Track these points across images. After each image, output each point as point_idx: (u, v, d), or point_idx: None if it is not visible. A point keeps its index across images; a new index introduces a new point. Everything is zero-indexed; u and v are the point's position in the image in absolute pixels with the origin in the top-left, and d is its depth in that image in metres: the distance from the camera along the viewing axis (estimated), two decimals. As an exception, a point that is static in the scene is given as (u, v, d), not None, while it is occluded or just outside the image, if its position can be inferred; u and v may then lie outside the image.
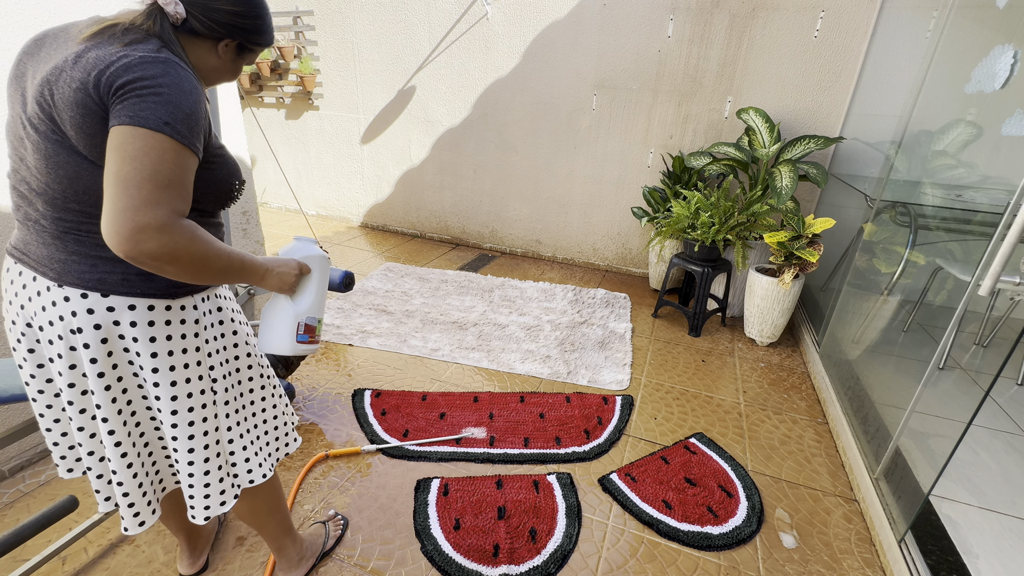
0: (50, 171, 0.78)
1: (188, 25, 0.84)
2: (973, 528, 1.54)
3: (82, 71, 0.74)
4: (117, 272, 0.84)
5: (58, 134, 0.77)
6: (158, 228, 0.72)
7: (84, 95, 0.73)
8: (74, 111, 0.74)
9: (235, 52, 0.93)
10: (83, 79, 0.74)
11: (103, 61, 0.74)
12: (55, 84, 0.75)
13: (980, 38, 1.89)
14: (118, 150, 0.71)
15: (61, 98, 0.75)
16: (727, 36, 3.01)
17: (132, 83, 0.73)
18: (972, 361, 2.48)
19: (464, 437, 1.92)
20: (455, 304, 3.08)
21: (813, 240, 2.51)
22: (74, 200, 0.80)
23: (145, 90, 0.73)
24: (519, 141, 3.76)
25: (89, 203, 0.80)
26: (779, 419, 2.14)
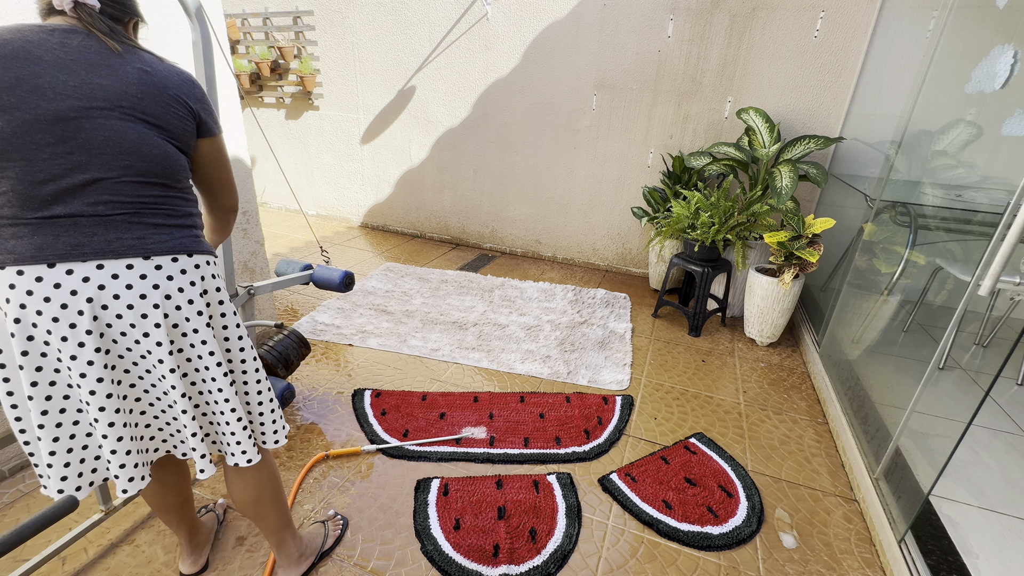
0: (140, 152, 0.91)
1: (106, 13, 0.93)
2: (973, 528, 1.54)
3: (170, 80, 0.95)
4: (189, 236, 1.00)
5: (149, 123, 0.92)
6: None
7: (180, 104, 0.96)
8: (176, 108, 0.96)
9: (134, 31, 1.04)
10: (175, 92, 0.95)
11: (178, 77, 0.97)
12: (137, 85, 0.91)
13: (980, 38, 1.89)
14: (220, 155, 1.09)
15: (159, 96, 0.93)
16: (727, 36, 3.01)
17: (205, 99, 1.03)
18: (972, 361, 2.48)
19: (464, 437, 1.92)
20: (455, 304, 3.08)
21: (813, 240, 2.51)
22: (156, 175, 0.94)
23: (212, 108, 1.05)
24: (519, 141, 3.76)
25: (171, 178, 0.96)
26: (779, 419, 2.14)
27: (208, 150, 1.05)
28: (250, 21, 4.15)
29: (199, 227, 1.05)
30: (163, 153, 0.93)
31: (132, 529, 1.49)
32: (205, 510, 1.52)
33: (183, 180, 1.00)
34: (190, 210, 1.02)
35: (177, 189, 0.98)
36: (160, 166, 0.94)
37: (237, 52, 4.27)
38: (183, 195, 1.00)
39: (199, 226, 1.05)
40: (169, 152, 0.95)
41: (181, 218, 0.99)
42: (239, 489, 1.18)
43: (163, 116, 0.93)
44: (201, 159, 1.05)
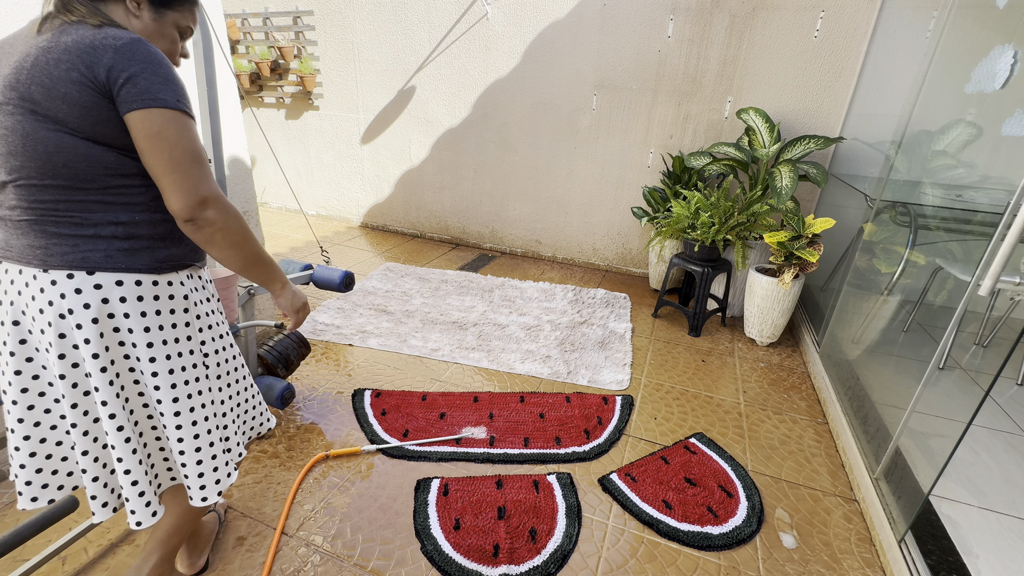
0: (26, 150, 0.79)
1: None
2: (973, 528, 1.54)
3: (67, 53, 0.77)
4: (99, 250, 0.85)
5: (36, 113, 0.78)
6: (215, 198, 0.85)
7: (78, 78, 0.76)
8: (67, 88, 0.76)
9: (151, 9, 0.89)
10: (71, 64, 0.76)
11: (83, 43, 0.77)
12: (30, 68, 0.77)
13: (980, 38, 1.89)
14: (157, 136, 0.80)
15: (46, 78, 0.76)
16: (727, 36, 3.01)
17: (126, 62, 0.77)
18: (972, 361, 2.48)
19: (464, 437, 1.92)
20: (455, 304, 3.08)
21: (813, 240, 2.51)
22: (51, 176, 0.80)
23: (149, 73, 0.79)
24: (519, 141, 3.76)
25: (67, 176, 0.81)
26: (779, 419, 2.14)
27: (138, 128, 0.79)
28: (250, 21, 4.15)
29: (134, 237, 0.87)
30: (54, 148, 0.78)
31: (133, 528, 1.49)
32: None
33: (102, 179, 0.82)
34: (113, 217, 0.84)
35: (89, 191, 0.82)
36: (53, 165, 0.78)
37: (237, 52, 4.27)
38: (102, 198, 0.83)
39: (134, 236, 0.87)
40: (64, 145, 0.78)
41: (94, 227, 0.83)
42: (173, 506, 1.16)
43: (51, 101, 0.76)
44: (135, 141, 0.81)
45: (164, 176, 0.81)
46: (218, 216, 0.86)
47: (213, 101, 1.75)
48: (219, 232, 0.87)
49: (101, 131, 0.80)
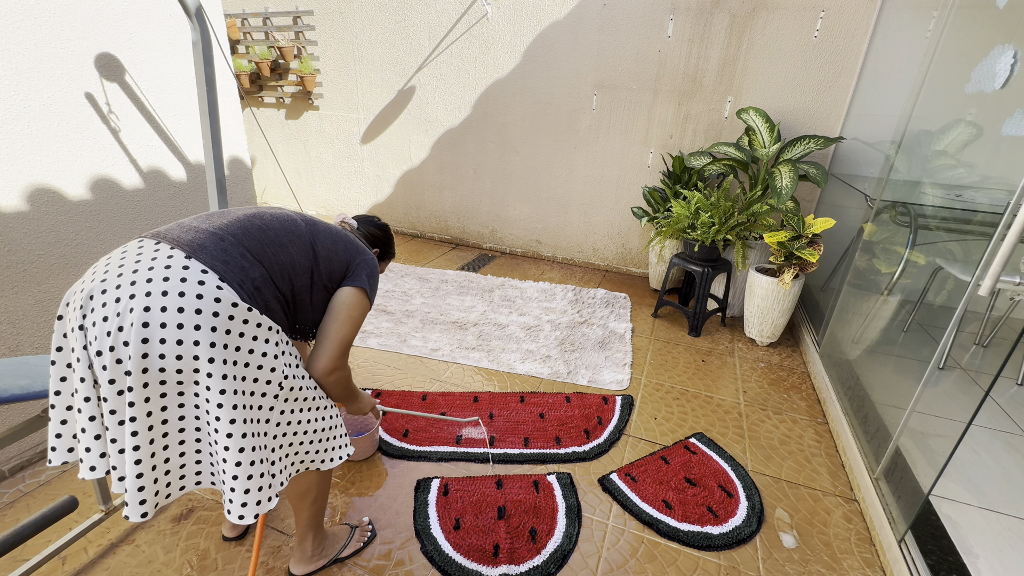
0: (288, 255, 1.11)
1: (360, 232, 1.47)
2: (973, 528, 1.54)
3: (348, 238, 1.27)
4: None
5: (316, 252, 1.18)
6: (339, 371, 1.19)
7: (349, 247, 1.24)
8: (342, 247, 1.22)
9: (378, 258, 1.51)
10: (348, 243, 1.25)
11: (359, 244, 1.28)
12: (333, 230, 1.25)
13: (980, 38, 1.89)
14: (350, 313, 1.18)
15: (337, 237, 1.23)
16: (727, 36, 3.01)
17: (369, 266, 1.25)
18: (972, 361, 2.48)
19: (473, 421, 1.92)
20: (455, 304, 3.08)
21: (813, 240, 2.51)
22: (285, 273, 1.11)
23: (374, 275, 1.26)
24: (519, 141, 3.76)
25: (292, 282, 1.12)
26: (779, 419, 2.14)
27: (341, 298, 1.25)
28: (250, 21, 4.15)
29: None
30: (304, 269, 1.18)
31: (132, 529, 1.49)
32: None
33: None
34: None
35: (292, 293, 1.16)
36: (295, 272, 1.16)
37: (237, 52, 4.27)
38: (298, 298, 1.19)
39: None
40: (306, 273, 1.18)
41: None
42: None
43: (325, 250, 1.21)
44: (333, 302, 1.24)
45: (330, 342, 1.15)
46: (339, 378, 1.19)
47: (213, 101, 1.74)
48: (337, 388, 1.21)
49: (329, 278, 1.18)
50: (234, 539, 1.47)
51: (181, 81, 2.07)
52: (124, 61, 1.86)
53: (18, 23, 1.54)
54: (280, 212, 1.17)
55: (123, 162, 1.90)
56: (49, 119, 1.66)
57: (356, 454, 1.78)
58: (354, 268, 1.21)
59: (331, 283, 1.18)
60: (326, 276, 1.17)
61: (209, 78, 1.73)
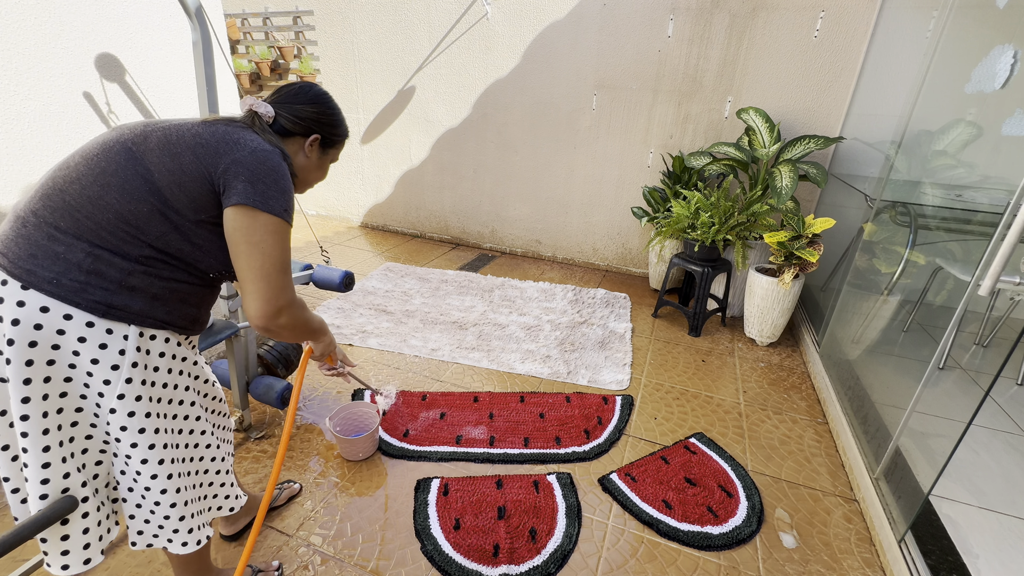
0: (117, 187, 0.84)
1: (278, 125, 1.00)
2: (973, 528, 1.54)
3: (207, 131, 0.88)
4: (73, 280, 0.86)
5: (142, 163, 0.85)
6: (289, 305, 0.93)
7: (204, 151, 0.86)
8: (187, 159, 0.85)
9: (319, 148, 1.06)
10: (208, 139, 0.87)
11: (229, 136, 0.88)
12: (167, 129, 0.88)
13: (980, 38, 1.89)
14: (248, 240, 0.86)
15: (176, 142, 0.86)
16: (727, 36, 3.01)
17: (249, 166, 0.86)
18: (972, 361, 2.48)
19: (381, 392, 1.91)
20: (455, 304, 3.08)
21: (813, 240, 2.51)
22: (117, 215, 0.85)
23: (266, 176, 0.87)
24: (519, 141, 3.76)
25: (130, 223, 0.85)
26: (779, 419, 2.14)
27: (233, 223, 0.96)
28: (250, 21, 4.15)
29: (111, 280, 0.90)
30: (140, 198, 0.89)
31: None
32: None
33: (154, 238, 0.92)
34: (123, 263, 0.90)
35: (135, 241, 0.91)
36: (128, 209, 0.89)
37: (237, 52, 4.27)
38: (137, 251, 0.91)
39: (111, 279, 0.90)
40: (148, 199, 0.90)
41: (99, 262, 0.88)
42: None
43: (165, 159, 0.89)
44: (228, 234, 0.96)
45: (250, 282, 0.88)
46: (289, 320, 0.94)
47: (213, 101, 1.74)
48: (287, 331, 0.96)
49: (194, 206, 0.86)
50: (231, 537, 1.45)
51: (181, 81, 2.07)
52: (124, 61, 1.86)
53: (18, 23, 1.54)
54: (95, 144, 0.86)
55: (123, 162, 1.90)
56: (49, 119, 1.66)
57: (356, 454, 1.78)
58: (224, 180, 0.85)
59: (203, 214, 0.87)
60: (188, 210, 0.85)
61: (209, 78, 1.73)
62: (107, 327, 0.83)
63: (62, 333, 0.81)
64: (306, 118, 1.01)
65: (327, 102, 1.06)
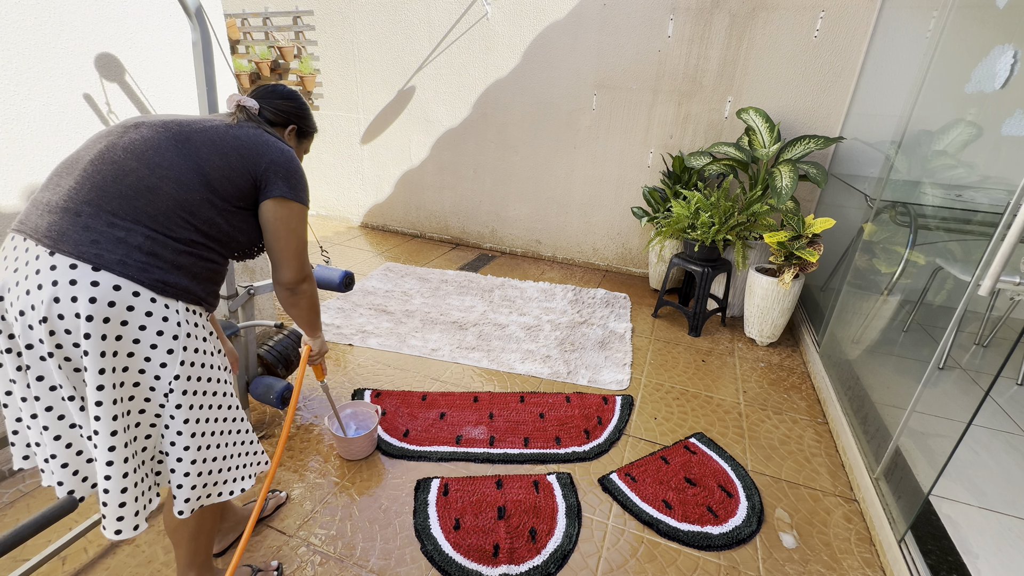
0: (160, 173, 0.96)
1: (263, 117, 1.15)
2: (973, 528, 1.54)
3: (244, 135, 1.04)
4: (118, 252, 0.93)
5: (188, 148, 0.99)
6: (310, 276, 1.17)
7: (248, 152, 1.03)
8: (235, 159, 1.01)
9: (296, 138, 1.24)
10: (246, 142, 1.03)
11: (261, 139, 1.06)
12: (205, 126, 1.02)
13: (980, 38, 1.89)
14: (287, 226, 1.08)
15: (217, 139, 1.02)
16: (727, 36, 3.01)
17: (283, 165, 1.06)
18: (972, 361, 2.48)
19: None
20: (455, 304, 3.08)
21: (813, 240, 2.51)
22: (161, 201, 0.97)
23: (295, 173, 1.08)
24: (519, 141, 3.76)
25: (171, 210, 0.96)
26: (779, 419, 2.14)
27: (272, 213, 1.14)
28: (250, 21, 4.15)
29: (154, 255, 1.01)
30: (186, 187, 1.02)
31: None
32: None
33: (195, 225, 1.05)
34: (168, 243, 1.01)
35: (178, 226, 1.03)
36: (174, 196, 1.02)
37: (237, 52, 4.27)
38: (181, 234, 1.03)
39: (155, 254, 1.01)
40: (194, 188, 1.03)
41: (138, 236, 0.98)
42: (167, 509, 1.12)
43: (213, 155, 1.03)
44: (265, 222, 1.14)
45: (287, 259, 1.10)
46: (310, 288, 1.18)
47: (213, 101, 1.74)
48: (306, 299, 1.19)
49: (234, 198, 1.02)
50: (219, 554, 1.40)
51: (181, 81, 2.07)
52: (124, 61, 1.86)
53: (18, 23, 1.54)
54: (138, 139, 0.95)
55: (123, 162, 1.90)
56: (49, 119, 1.66)
57: (355, 454, 1.78)
58: (264, 177, 1.03)
59: (242, 202, 1.03)
60: (232, 199, 1.01)
61: (209, 78, 1.73)
62: (165, 303, 0.92)
63: (131, 309, 0.88)
64: (285, 111, 1.18)
65: (298, 98, 1.24)
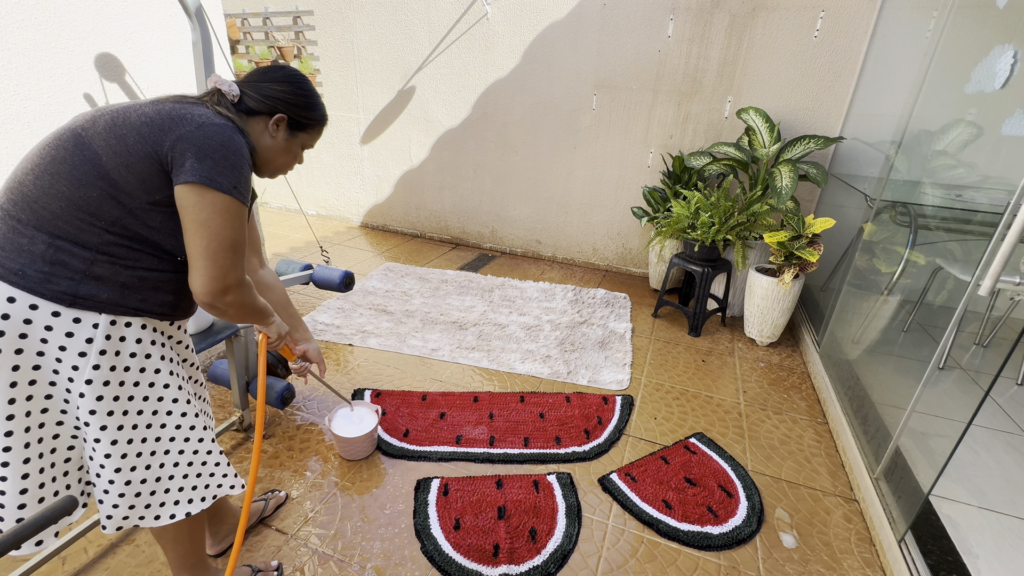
0: (68, 174, 0.83)
1: (244, 105, 0.97)
2: (973, 528, 1.54)
3: (154, 110, 0.86)
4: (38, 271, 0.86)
5: (88, 146, 0.83)
6: (237, 284, 0.91)
7: (149, 129, 0.84)
8: (135, 140, 0.83)
9: (287, 130, 1.01)
10: (153, 117, 0.85)
11: (176, 112, 0.86)
12: (115, 111, 0.86)
13: (980, 38, 1.89)
14: (195, 218, 0.84)
15: (122, 124, 0.84)
16: (727, 36, 3.01)
17: (196, 141, 0.84)
18: (972, 361, 2.48)
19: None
20: (455, 304, 3.08)
21: (813, 240, 2.51)
22: (69, 200, 0.84)
23: (215, 152, 0.84)
24: (519, 141, 3.76)
25: (81, 207, 0.83)
26: (779, 419, 2.14)
27: (187, 201, 0.94)
28: (250, 21, 4.15)
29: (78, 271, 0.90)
30: (90, 181, 0.88)
31: (132, 529, 1.48)
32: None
33: (108, 221, 0.90)
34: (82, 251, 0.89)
35: (90, 225, 0.89)
36: (80, 194, 0.88)
37: (237, 52, 4.27)
38: (96, 236, 0.90)
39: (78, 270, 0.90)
40: (97, 183, 0.89)
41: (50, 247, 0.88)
42: None
43: (113, 142, 0.87)
44: (181, 211, 0.93)
45: (196, 259, 0.86)
46: (236, 299, 0.92)
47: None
48: (232, 309, 0.93)
49: (142, 186, 0.85)
50: (217, 556, 1.40)
51: (181, 81, 2.07)
52: (124, 61, 1.86)
53: (18, 23, 1.54)
54: (50, 134, 0.85)
55: (123, 162, 1.90)
56: (49, 119, 1.66)
57: (355, 454, 1.78)
58: (170, 157, 0.83)
59: (157, 195, 0.84)
60: (140, 192, 0.83)
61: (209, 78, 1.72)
62: (74, 316, 0.83)
63: (29, 323, 0.82)
64: (271, 96, 0.97)
65: (299, 83, 1.01)
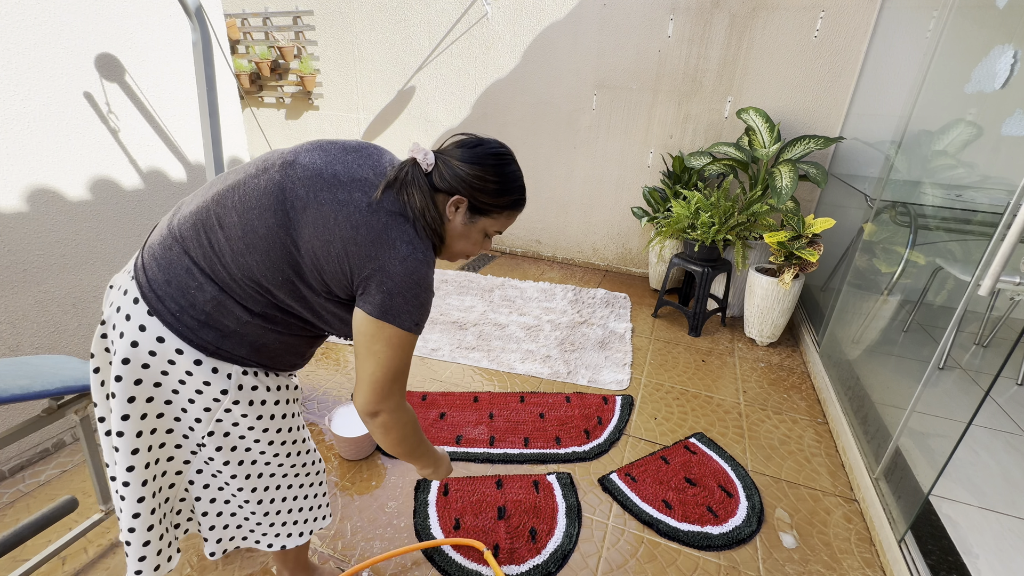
0: (260, 244, 0.83)
1: (431, 178, 0.89)
2: (973, 528, 1.54)
3: (364, 220, 0.83)
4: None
5: (292, 228, 0.83)
6: (391, 411, 0.92)
7: (356, 248, 0.82)
8: (339, 246, 0.82)
9: (467, 213, 0.92)
10: (362, 229, 0.82)
11: (386, 232, 0.83)
12: (333, 206, 0.83)
13: (980, 38, 1.89)
14: (368, 347, 0.85)
15: (333, 225, 0.82)
16: (727, 36, 3.01)
17: (394, 278, 0.83)
18: (972, 361, 2.48)
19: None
20: (455, 304, 3.08)
21: (813, 240, 2.51)
22: (256, 269, 0.85)
23: (408, 291, 0.84)
24: (519, 141, 3.76)
25: (266, 278, 0.84)
26: (779, 419, 2.14)
27: (363, 325, 0.93)
28: (250, 21, 4.15)
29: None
30: (283, 262, 0.90)
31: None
32: None
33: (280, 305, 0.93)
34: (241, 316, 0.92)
35: (261, 304, 0.92)
36: (270, 266, 0.90)
37: (237, 52, 4.27)
38: (260, 309, 0.93)
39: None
40: (289, 266, 0.91)
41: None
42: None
43: (317, 239, 0.87)
44: (355, 329, 0.93)
45: (361, 380, 0.89)
46: (385, 421, 0.93)
47: (213, 101, 1.75)
48: (385, 433, 0.94)
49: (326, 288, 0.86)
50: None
51: (181, 81, 2.07)
52: (124, 61, 1.86)
53: (18, 23, 1.54)
54: (258, 188, 0.83)
55: (123, 162, 1.90)
56: (49, 119, 1.66)
57: (355, 454, 1.78)
58: (365, 283, 0.83)
59: (339, 294, 0.86)
60: (322, 288, 0.85)
61: (209, 78, 1.73)
62: (213, 366, 0.86)
63: (172, 363, 0.85)
64: (455, 176, 0.88)
65: (490, 165, 0.89)
